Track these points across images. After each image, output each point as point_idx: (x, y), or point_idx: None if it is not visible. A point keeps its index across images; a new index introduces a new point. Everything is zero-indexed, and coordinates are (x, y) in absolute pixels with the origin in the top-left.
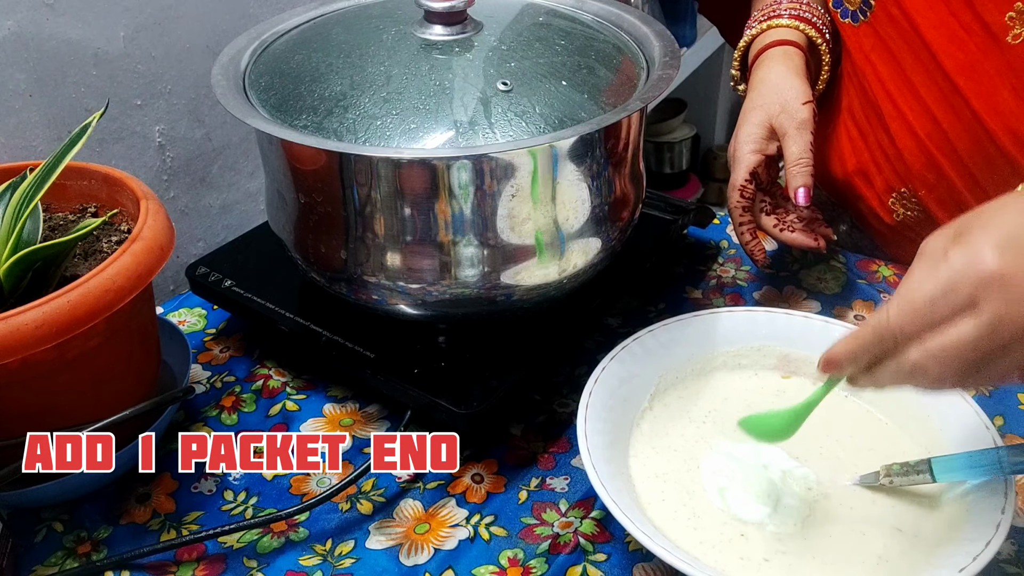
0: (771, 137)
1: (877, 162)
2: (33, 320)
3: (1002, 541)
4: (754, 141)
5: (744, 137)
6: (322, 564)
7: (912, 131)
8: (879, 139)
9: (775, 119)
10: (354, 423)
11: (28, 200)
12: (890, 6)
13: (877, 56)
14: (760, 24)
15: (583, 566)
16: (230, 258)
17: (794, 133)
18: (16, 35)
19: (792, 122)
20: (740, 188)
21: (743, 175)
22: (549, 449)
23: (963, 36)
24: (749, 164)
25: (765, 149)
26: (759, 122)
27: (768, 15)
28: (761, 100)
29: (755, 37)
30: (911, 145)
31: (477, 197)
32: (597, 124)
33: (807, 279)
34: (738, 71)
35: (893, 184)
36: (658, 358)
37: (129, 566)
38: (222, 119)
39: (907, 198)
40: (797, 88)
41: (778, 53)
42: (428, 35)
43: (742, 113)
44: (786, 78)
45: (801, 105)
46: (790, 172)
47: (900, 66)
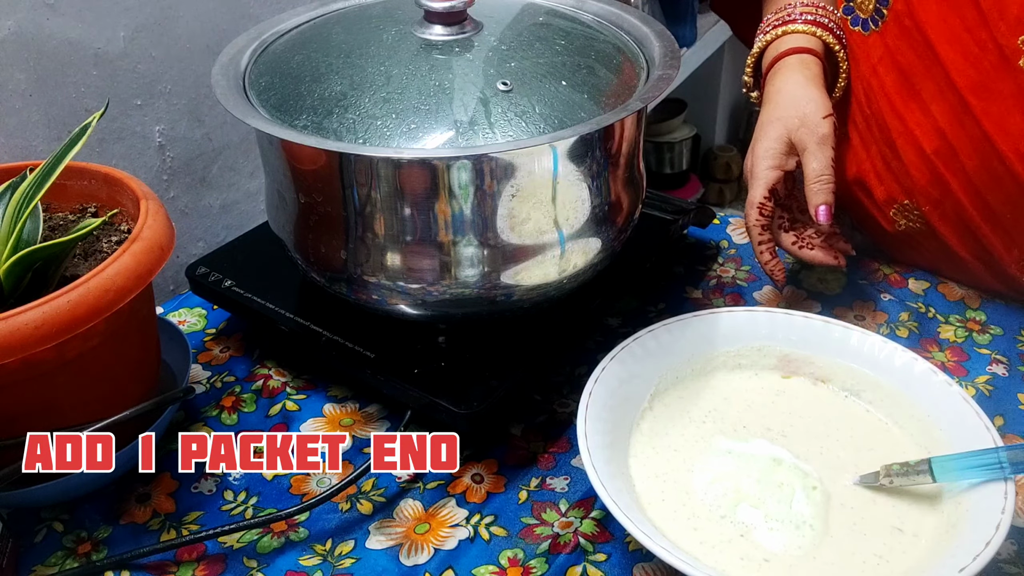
0: (790, 152)
1: (878, 173)
2: (33, 320)
3: (1002, 541)
4: (773, 157)
5: (762, 152)
6: (322, 564)
7: (918, 146)
8: (881, 151)
9: (794, 133)
10: (354, 423)
11: (28, 200)
12: (903, 17)
13: (885, 68)
14: (775, 30)
15: (583, 566)
16: (230, 258)
17: (815, 148)
18: (16, 35)
19: (812, 137)
20: (759, 206)
21: (762, 192)
22: (549, 449)
23: (977, 54)
24: (768, 181)
25: (784, 165)
26: (777, 136)
27: (783, 20)
28: (779, 112)
29: (769, 43)
30: (916, 160)
31: (477, 197)
32: (597, 124)
33: (808, 280)
34: (751, 77)
35: (895, 196)
36: (658, 358)
37: (129, 566)
38: (222, 119)
39: (909, 210)
40: (817, 100)
41: (795, 62)
42: (428, 35)
43: (759, 125)
44: (805, 89)
45: (822, 119)
46: (810, 189)
47: (909, 80)
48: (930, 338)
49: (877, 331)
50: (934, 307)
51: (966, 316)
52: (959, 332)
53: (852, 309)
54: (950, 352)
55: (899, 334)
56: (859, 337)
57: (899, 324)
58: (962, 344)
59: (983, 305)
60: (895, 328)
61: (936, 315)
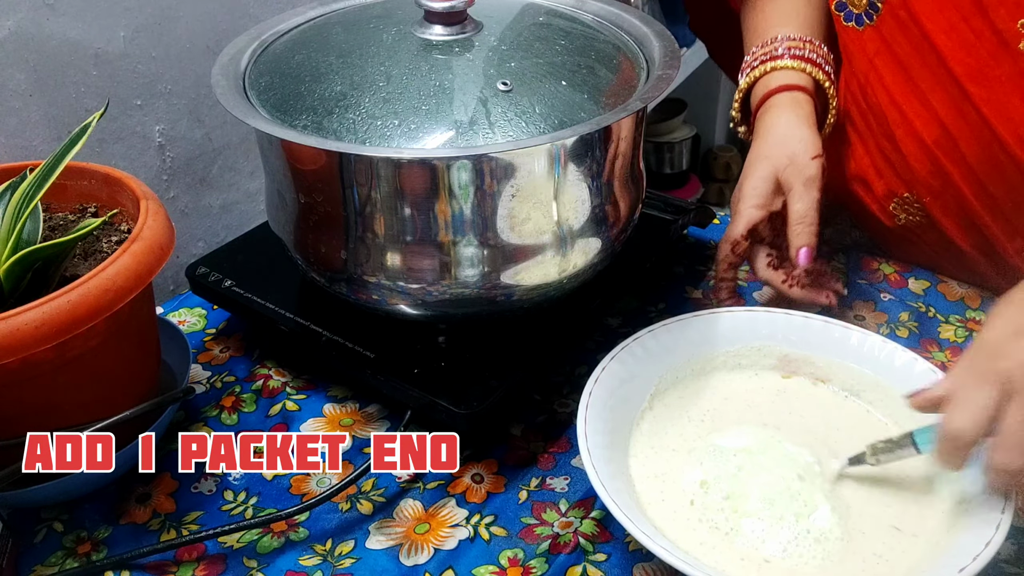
0: (777, 191)
1: (878, 167)
2: (33, 320)
3: (1002, 541)
4: (758, 196)
5: (748, 190)
6: (322, 564)
7: (918, 137)
8: (880, 145)
9: (782, 172)
10: (354, 423)
11: (28, 200)
12: (898, 9)
13: (882, 61)
14: (762, 65)
15: (583, 566)
16: (230, 258)
17: (801, 189)
18: (16, 35)
19: (799, 177)
20: (733, 243)
21: (741, 230)
22: (549, 449)
23: (974, 41)
24: (749, 220)
25: (769, 205)
26: (765, 175)
27: (770, 55)
28: (768, 151)
29: (757, 80)
30: (916, 151)
31: (477, 197)
32: (597, 124)
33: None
34: (738, 112)
35: (896, 189)
36: (658, 358)
37: (129, 566)
38: (222, 119)
39: (910, 203)
40: (807, 140)
41: (786, 100)
42: (428, 35)
43: (747, 163)
44: (796, 128)
45: (810, 160)
46: (793, 231)
47: (907, 72)
48: (930, 338)
49: (877, 331)
50: (934, 307)
51: (966, 316)
52: (959, 332)
53: (852, 309)
54: (950, 352)
55: (899, 334)
56: (859, 337)
57: (899, 324)
58: (962, 344)
59: (983, 305)
60: (895, 328)
61: (936, 315)
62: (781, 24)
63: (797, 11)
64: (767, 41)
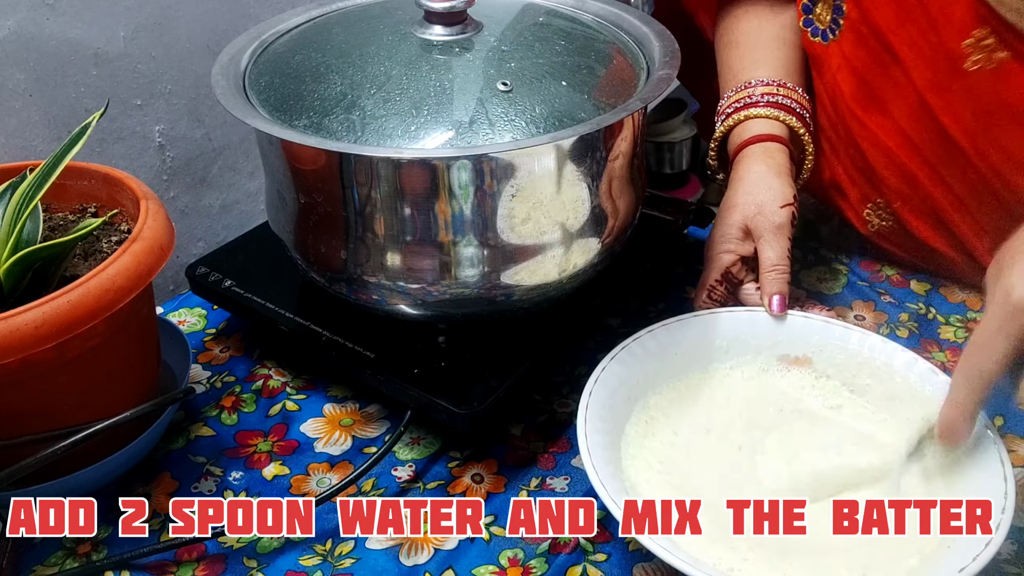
0: (746, 238)
1: (850, 175)
2: (33, 320)
3: (1002, 541)
4: (728, 241)
5: (718, 236)
6: (322, 564)
7: (883, 146)
8: (849, 153)
9: (751, 220)
10: (354, 423)
11: (28, 200)
12: (859, 25)
13: (843, 76)
14: (736, 114)
15: (583, 566)
16: (230, 258)
17: (770, 237)
18: (16, 35)
19: (768, 225)
20: (709, 288)
21: (714, 276)
22: (549, 449)
23: (931, 56)
24: (721, 265)
25: (739, 249)
26: (734, 223)
27: (744, 102)
28: (737, 199)
29: (732, 128)
30: (882, 159)
31: (477, 197)
32: (597, 124)
33: (807, 279)
34: (715, 160)
35: (868, 195)
36: (658, 358)
37: (129, 566)
38: (222, 119)
39: (882, 208)
40: (776, 189)
41: (759, 151)
42: (428, 35)
43: (719, 211)
44: (765, 178)
45: (779, 208)
46: (764, 279)
47: (868, 85)
48: (930, 338)
49: (877, 331)
50: (935, 308)
51: (967, 316)
52: (959, 332)
53: (852, 309)
54: (950, 352)
55: (899, 334)
56: (859, 337)
57: (899, 324)
58: (962, 344)
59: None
60: (895, 328)
61: (936, 316)
62: (757, 65)
63: (772, 53)
64: (742, 85)
